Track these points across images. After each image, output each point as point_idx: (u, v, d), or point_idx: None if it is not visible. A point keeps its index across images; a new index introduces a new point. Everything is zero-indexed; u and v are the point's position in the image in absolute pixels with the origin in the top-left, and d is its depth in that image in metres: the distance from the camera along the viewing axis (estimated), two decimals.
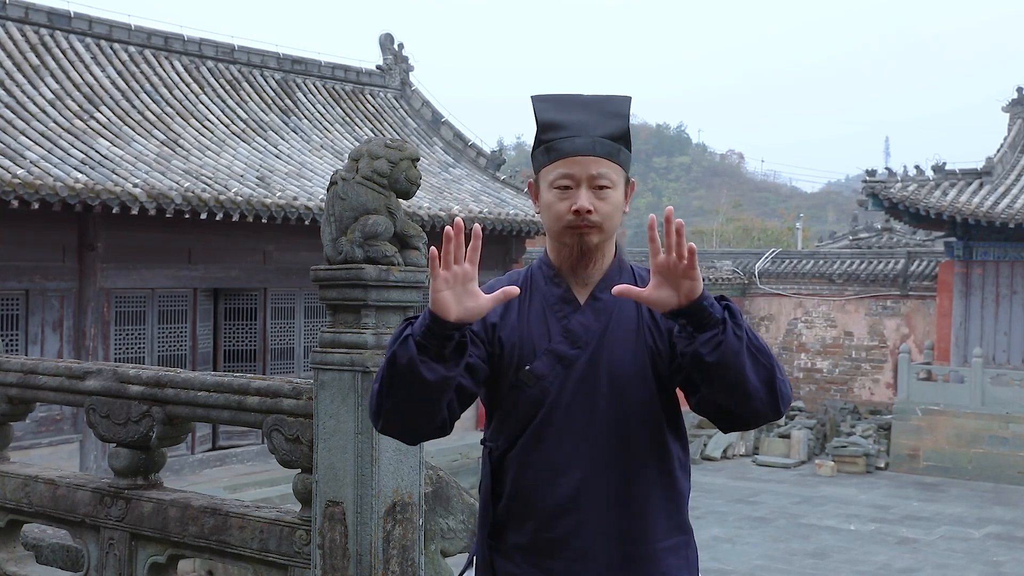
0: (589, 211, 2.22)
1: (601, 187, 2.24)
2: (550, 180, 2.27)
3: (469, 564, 2.45)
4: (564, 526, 2.26)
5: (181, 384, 4.33)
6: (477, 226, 2.06)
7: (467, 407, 2.27)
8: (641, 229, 66.97)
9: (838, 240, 31.00)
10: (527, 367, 2.27)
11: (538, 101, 2.33)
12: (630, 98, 2.34)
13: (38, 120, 13.55)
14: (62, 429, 13.02)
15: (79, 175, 12.24)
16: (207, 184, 13.62)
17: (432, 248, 2.06)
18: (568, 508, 2.25)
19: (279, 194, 14.27)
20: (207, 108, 16.68)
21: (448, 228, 2.02)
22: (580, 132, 2.25)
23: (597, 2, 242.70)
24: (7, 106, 13.47)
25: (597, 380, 2.26)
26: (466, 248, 2.08)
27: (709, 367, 2.07)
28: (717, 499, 17.54)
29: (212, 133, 16.10)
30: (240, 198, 13.42)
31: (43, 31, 15.47)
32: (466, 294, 2.05)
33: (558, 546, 2.26)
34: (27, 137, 12.89)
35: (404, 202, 4.04)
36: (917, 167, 21.94)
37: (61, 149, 12.97)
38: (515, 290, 2.10)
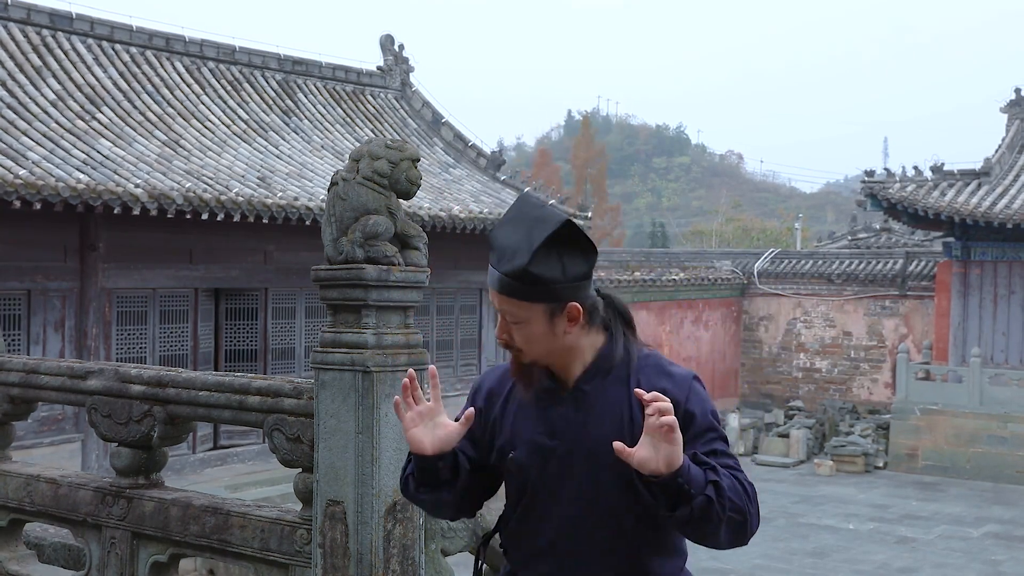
0: (505, 340, 2.32)
1: (511, 322, 2.29)
2: None
3: None
4: None
5: (182, 384, 4.35)
6: (432, 367, 2.35)
7: (490, 494, 2.54)
8: (641, 229, 66.96)
9: (837, 240, 31.02)
10: (511, 454, 2.38)
11: (509, 208, 2.36)
12: (559, 222, 2.22)
13: (40, 121, 13.58)
14: (64, 429, 13.05)
15: (81, 175, 12.27)
16: (208, 184, 13.65)
17: (396, 399, 2.32)
18: None
19: (280, 194, 14.29)
20: (208, 109, 16.70)
21: (404, 380, 2.30)
22: (497, 263, 2.26)
23: (597, 3, 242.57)
24: (9, 107, 13.50)
25: (575, 471, 2.32)
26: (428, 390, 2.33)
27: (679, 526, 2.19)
28: None
29: (213, 134, 16.12)
30: (241, 198, 13.45)
31: (45, 32, 15.49)
32: (436, 426, 2.30)
33: None
34: (29, 138, 12.92)
35: (404, 202, 4.06)
36: (916, 167, 21.98)
37: (63, 150, 13.00)
38: (471, 413, 2.31)
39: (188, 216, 12.93)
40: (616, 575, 2.34)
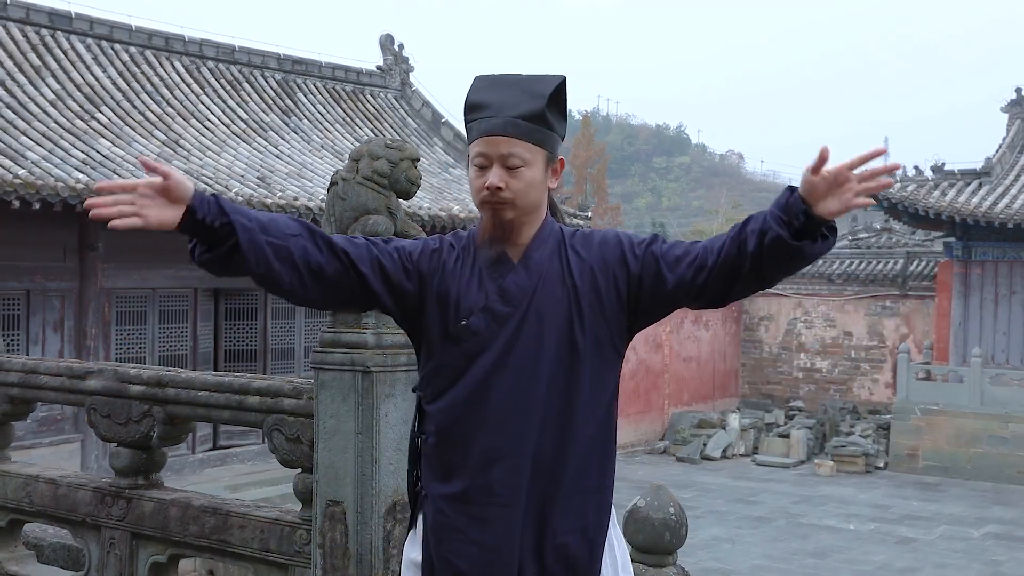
0: (499, 188, 2.34)
1: (513, 166, 2.36)
2: (470, 158, 2.42)
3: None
4: (495, 474, 2.35)
5: (182, 384, 4.34)
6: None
7: (347, 302, 2.43)
8: (641, 229, 67.01)
9: (837, 240, 31.00)
10: (463, 322, 2.38)
11: (475, 80, 2.46)
12: (562, 78, 2.43)
13: (39, 120, 13.57)
14: (63, 429, 13.04)
15: (80, 175, 12.26)
16: (208, 184, 13.64)
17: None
18: (502, 455, 2.35)
19: (279, 194, 14.29)
20: (208, 109, 16.70)
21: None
22: (496, 113, 2.36)
23: (597, 3, 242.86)
24: (8, 106, 13.49)
25: (531, 336, 2.37)
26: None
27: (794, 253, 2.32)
28: (717, 499, 17.55)
29: (213, 133, 16.12)
30: (241, 198, 13.44)
31: (44, 32, 15.49)
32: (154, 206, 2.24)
33: (486, 493, 2.36)
34: (28, 137, 12.91)
35: (404, 202, 4.05)
36: (916, 167, 21.96)
37: (62, 149, 13.00)
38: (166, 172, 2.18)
39: None
40: (557, 443, 2.36)
